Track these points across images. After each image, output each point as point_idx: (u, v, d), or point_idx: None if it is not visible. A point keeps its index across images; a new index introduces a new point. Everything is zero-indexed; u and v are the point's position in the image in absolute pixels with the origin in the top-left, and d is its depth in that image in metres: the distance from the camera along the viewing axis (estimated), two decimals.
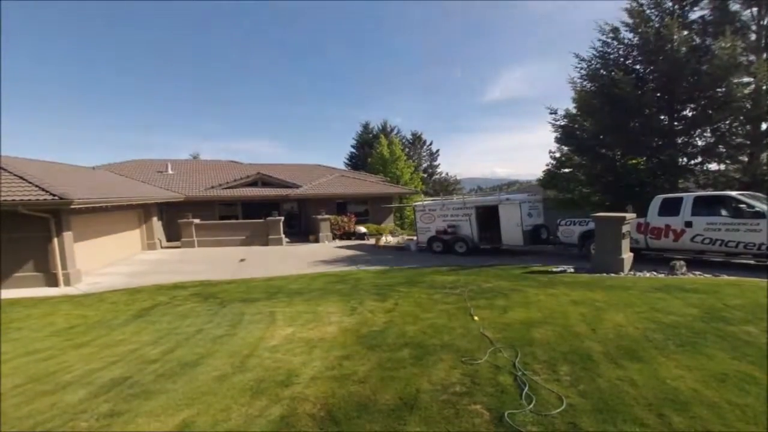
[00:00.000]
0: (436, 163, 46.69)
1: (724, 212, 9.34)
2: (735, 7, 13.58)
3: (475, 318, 5.83)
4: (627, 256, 9.33)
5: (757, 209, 8.85)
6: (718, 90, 12.48)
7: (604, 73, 14.56)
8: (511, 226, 12.89)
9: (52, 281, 10.16)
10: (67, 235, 10.42)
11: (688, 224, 9.67)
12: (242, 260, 14.03)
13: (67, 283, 10.23)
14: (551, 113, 17.20)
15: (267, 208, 20.20)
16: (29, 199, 9.36)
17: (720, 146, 13.45)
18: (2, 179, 10.05)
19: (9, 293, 9.41)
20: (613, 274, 8.99)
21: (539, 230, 13.15)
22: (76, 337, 6.05)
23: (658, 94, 13.55)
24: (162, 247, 18.06)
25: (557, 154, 17.77)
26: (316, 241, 19.34)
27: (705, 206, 9.65)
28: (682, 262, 9.12)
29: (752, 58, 13.26)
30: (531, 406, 3.27)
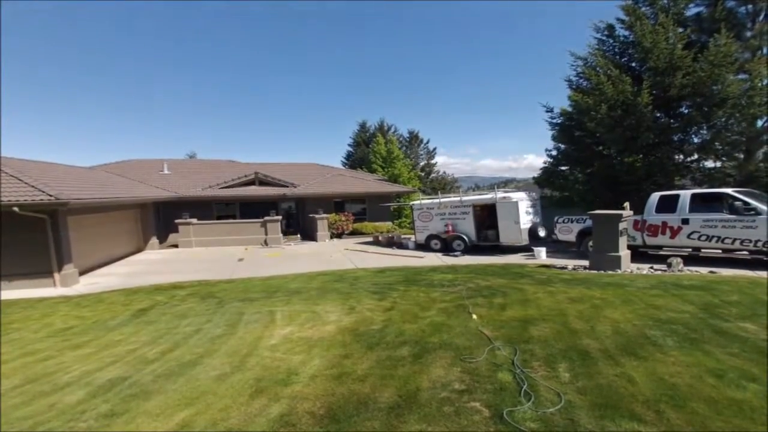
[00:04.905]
0: (433, 162, 46.69)
1: (720, 209, 9.39)
2: (730, 4, 13.64)
3: (474, 316, 5.84)
4: (624, 253, 9.37)
5: (753, 206, 8.91)
6: (714, 87, 12.53)
7: (600, 70, 14.60)
8: (509, 224, 12.92)
9: (50, 282, 10.12)
10: (64, 235, 10.37)
11: (685, 221, 9.72)
12: (240, 260, 14.02)
13: (65, 283, 10.19)
14: (547, 111, 17.29)
15: (265, 208, 20.15)
16: (25, 200, 9.31)
17: (716, 143, 13.52)
18: (1, 180, 9.99)
19: (7, 294, 9.37)
20: (610, 272, 9.03)
21: (537, 228, 13.18)
22: (74, 337, 6.03)
23: (654, 92, 13.60)
24: (159, 248, 18.00)
25: (554, 152, 17.84)
26: (315, 240, 19.31)
27: (702, 203, 9.69)
28: (679, 259, 9.17)
29: (747, 55, 13.32)
30: (530, 403, 3.29)
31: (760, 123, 13.23)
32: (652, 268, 9.27)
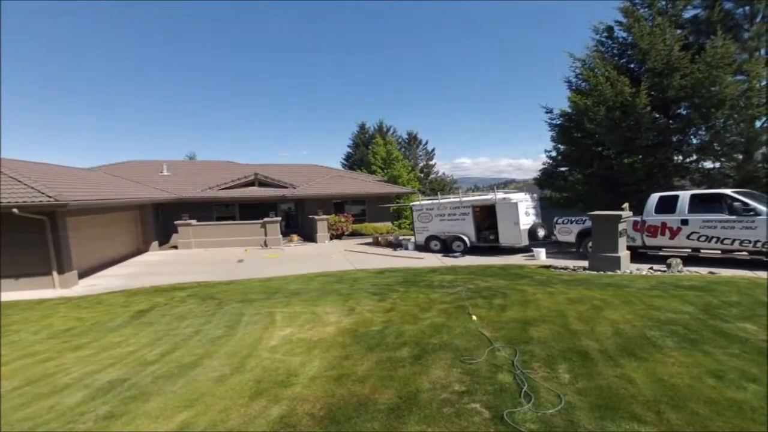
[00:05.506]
0: (432, 162, 46.73)
1: (720, 210, 9.40)
2: (728, 5, 13.67)
3: (474, 317, 5.84)
4: (624, 254, 9.38)
5: (753, 206, 8.92)
6: (712, 88, 12.56)
7: (598, 72, 14.63)
8: (509, 225, 12.92)
9: (49, 283, 10.10)
10: (63, 237, 10.36)
11: (684, 222, 9.73)
12: (240, 261, 14.01)
13: (64, 285, 10.17)
14: (547, 112, 17.33)
15: (264, 209, 20.15)
16: (24, 201, 9.30)
17: (715, 144, 13.53)
18: (0, 181, 9.97)
19: (7, 295, 9.35)
20: (610, 272, 9.04)
21: (537, 229, 13.19)
22: (73, 339, 6.02)
23: (653, 93, 13.63)
24: (159, 249, 17.99)
25: (553, 153, 17.87)
26: (314, 241, 19.30)
27: (701, 204, 9.71)
28: (679, 260, 9.18)
29: (745, 56, 13.35)
30: (530, 404, 3.29)
31: (758, 124, 13.25)
32: (651, 268, 9.28)
